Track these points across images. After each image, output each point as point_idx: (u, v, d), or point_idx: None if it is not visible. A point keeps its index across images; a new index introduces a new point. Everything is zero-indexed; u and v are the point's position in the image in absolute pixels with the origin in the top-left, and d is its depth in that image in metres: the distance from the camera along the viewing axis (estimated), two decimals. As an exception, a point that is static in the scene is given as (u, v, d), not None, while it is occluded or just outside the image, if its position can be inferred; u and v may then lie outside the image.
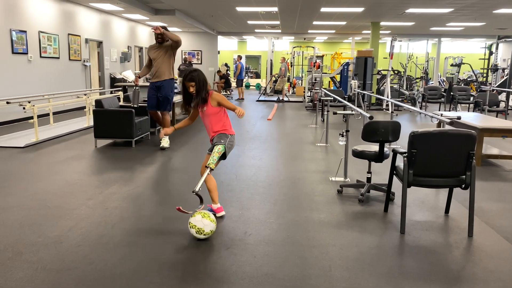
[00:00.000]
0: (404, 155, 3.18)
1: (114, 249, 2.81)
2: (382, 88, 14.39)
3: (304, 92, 16.89)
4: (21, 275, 2.43)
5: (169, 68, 6.17)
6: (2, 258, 2.63)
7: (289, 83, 20.09)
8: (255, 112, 11.46)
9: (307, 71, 17.53)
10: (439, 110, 11.86)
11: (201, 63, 18.54)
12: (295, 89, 19.67)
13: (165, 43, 6.10)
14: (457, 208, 3.79)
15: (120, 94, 10.22)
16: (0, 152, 5.70)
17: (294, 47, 19.17)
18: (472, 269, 2.64)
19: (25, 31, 8.68)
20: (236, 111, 3.18)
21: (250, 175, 4.78)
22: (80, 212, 3.50)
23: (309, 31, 17.96)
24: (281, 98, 15.48)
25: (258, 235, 3.08)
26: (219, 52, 19.89)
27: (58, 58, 10.08)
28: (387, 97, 11.94)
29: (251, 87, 23.13)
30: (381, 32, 16.65)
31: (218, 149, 3.23)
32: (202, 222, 2.91)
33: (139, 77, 6.18)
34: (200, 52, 18.77)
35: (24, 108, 6.44)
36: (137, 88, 6.37)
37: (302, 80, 21.47)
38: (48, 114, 9.01)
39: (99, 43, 12.43)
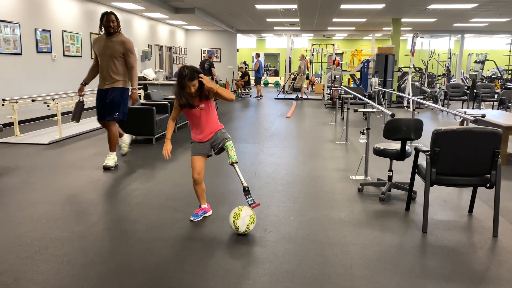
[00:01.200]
0: (427, 153, 3.14)
1: (136, 244, 2.86)
2: (403, 85, 14.18)
3: (323, 89, 16.79)
4: (47, 268, 2.50)
5: (123, 71, 4.72)
6: (29, 251, 2.71)
7: (307, 80, 20.02)
8: (273, 110, 11.45)
9: (327, 69, 17.41)
10: (462, 108, 11.63)
11: (220, 61, 18.61)
12: (314, 87, 19.58)
13: (117, 36, 4.65)
14: (481, 208, 3.71)
15: (141, 92, 10.36)
16: (26, 149, 5.85)
17: (313, 44, 19.06)
18: (497, 270, 2.58)
19: (49, 31, 8.87)
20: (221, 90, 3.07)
21: (270, 173, 4.78)
22: (103, 208, 3.56)
23: (329, 28, 17.83)
24: (299, 96, 15.43)
25: (278, 233, 3.09)
26: (237, 50, 19.92)
27: (81, 56, 10.27)
28: (408, 95, 11.77)
29: (269, 85, 23.12)
30: (402, 28, 16.40)
31: (231, 145, 3.19)
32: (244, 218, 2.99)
33: (85, 84, 4.95)
34: (219, 50, 18.83)
35: (48, 106, 6.59)
36: (81, 99, 5.09)
37: (321, 78, 21.35)
38: (71, 112, 9.19)
39: (120, 42, 12.59)
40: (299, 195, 4.00)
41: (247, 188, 3.13)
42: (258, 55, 16.47)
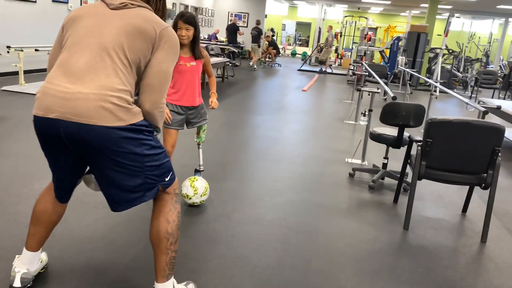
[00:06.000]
0: (418, 143, 2.84)
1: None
2: (433, 67, 13.46)
3: (350, 64, 16.18)
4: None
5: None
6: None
7: (336, 54, 19.34)
8: (292, 82, 11.08)
9: (355, 43, 16.70)
10: (492, 98, 10.97)
11: (246, 26, 18.11)
12: (342, 61, 18.91)
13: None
14: (478, 208, 3.40)
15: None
16: (27, 99, 5.78)
17: (345, 16, 18.27)
18: (472, 281, 2.33)
19: (67, -20, 8.69)
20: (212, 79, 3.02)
21: (261, 147, 4.56)
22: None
23: (363, 0, 16.98)
24: (324, 69, 14.92)
25: (245, 213, 2.89)
26: (266, 16, 19.33)
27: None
28: (437, 78, 11.13)
29: (297, 55, 22.52)
30: (440, 6, 15.44)
31: (205, 128, 3.09)
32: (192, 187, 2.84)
33: None
34: (247, 14, 18.31)
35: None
36: None
37: (351, 52, 20.59)
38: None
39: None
40: (284, 174, 3.78)
41: (201, 170, 3.08)
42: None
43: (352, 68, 13.85)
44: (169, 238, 1.72)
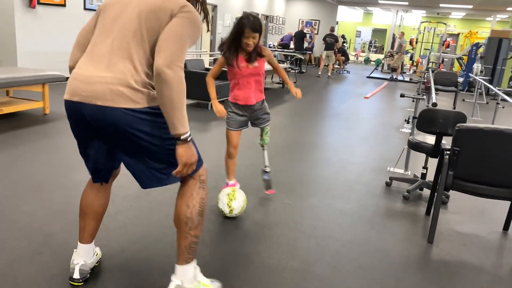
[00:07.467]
0: (447, 152, 2.66)
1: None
2: (516, 76, 12.34)
3: (419, 72, 15.37)
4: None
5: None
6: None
7: (411, 61, 18.49)
8: (356, 89, 10.82)
9: (429, 49, 15.84)
10: None
11: (317, 33, 18.03)
12: (417, 68, 18.03)
13: None
14: (524, 227, 3.08)
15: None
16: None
17: (421, 22, 17.43)
18: (489, 303, 2.13)
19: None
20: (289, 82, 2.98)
21: (299, 151, 4.53)
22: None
23: (441, 5, 16.10)
24: (395, 77, 14.35)
25: (262, 213, 2.91)
26: (337, 23, 19.08)
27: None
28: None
29: (371, 62, 21.90)
30: (530, 9, 14.15)
31: (268, 129, 3.07)
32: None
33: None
34: (318, 21, 18.22)
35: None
36: None
37: (426, 59, 19.52)
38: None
39: (214, 7, 12.83)
40: (313, 179, 3.72)
41: (267, 171, 3.13)
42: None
43: (420, 76, 13.19)
44: (188, 222, 1.74)
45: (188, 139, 1.58)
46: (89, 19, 1.80)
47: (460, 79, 9.92)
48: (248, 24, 2.55)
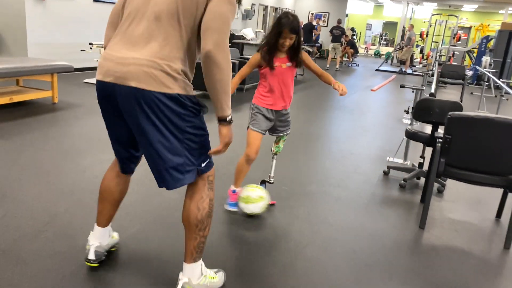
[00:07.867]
0: (439, 140, 2.72)
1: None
2: (527, 69, 12.20)
3: (427, 65, 15.27)
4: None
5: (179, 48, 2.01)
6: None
7: (421, 54, 18.35)
8: (363, 81, 10.82)
9: (438, 42, 15.72)
10: None
11: (326, 26, 17.97)
12: (427, 61, 17.90)
13: None
14: (518, 215, 3.13)
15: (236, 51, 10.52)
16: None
17: (432, 15, 17.27)
18: (473, 284, 2.19)
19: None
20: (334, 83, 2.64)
21: (298, 142, 4.60)
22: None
23: (452, -3, 15.93)
24: (403, 70, 14.29)
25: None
26: (347, 16, 18.98)
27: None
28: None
29: (382, 56, 21.78)
30: (542, 2, 13.93)
31: (285, 138, 2.96)
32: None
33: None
34: (327, 14, 18.15)
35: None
36: None
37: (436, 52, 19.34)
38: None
39: (223, -1, 12.84)
40: (312, 168, 3.80)
41: (271, 182, 2.97)
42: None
43: (431, 69, 13.11)
44: (198, 224, 1.75)
45: (232, 120, 1.65)
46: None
47: (469, 72, 9.86)
48: (287, 25, 2.46)
